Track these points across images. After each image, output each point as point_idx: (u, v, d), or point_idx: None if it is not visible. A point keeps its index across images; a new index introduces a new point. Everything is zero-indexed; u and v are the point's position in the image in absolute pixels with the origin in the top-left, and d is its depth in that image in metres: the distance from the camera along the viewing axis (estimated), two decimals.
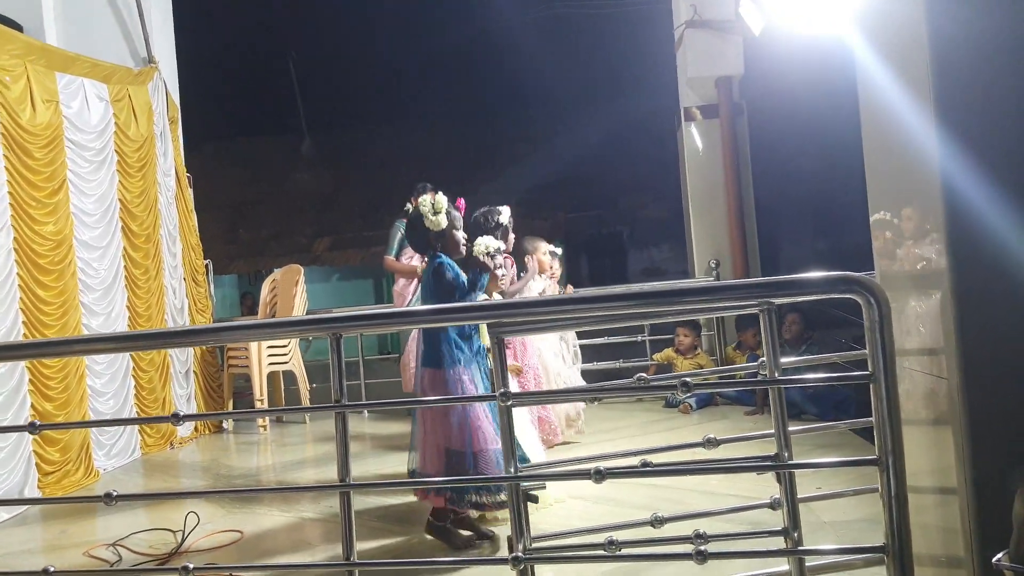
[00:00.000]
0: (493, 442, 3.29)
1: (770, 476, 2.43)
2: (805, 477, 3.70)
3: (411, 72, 15.15)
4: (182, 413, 2.26)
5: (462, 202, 3.72)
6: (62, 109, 5.07)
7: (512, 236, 4.72)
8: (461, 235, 3.58)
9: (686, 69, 7.20)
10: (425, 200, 3.51)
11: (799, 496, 2.25)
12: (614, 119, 13.18)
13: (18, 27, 5.48)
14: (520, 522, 2.11)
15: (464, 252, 3.58)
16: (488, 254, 3.51)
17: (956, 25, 1.76)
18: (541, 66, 13.76)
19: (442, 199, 3.52)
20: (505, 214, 4.44)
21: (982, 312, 1.87)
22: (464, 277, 3.46)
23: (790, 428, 2.22)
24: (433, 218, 3.46)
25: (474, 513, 3.47)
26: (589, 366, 6.48)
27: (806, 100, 8.27)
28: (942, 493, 2.00)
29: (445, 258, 3.47)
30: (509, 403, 2.18)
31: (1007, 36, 1.77)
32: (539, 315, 2.29)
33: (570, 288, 5.71)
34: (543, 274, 5.17)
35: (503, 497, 3.22)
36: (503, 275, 3.97)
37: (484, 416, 3.35)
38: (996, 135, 1.84)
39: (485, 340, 3.38)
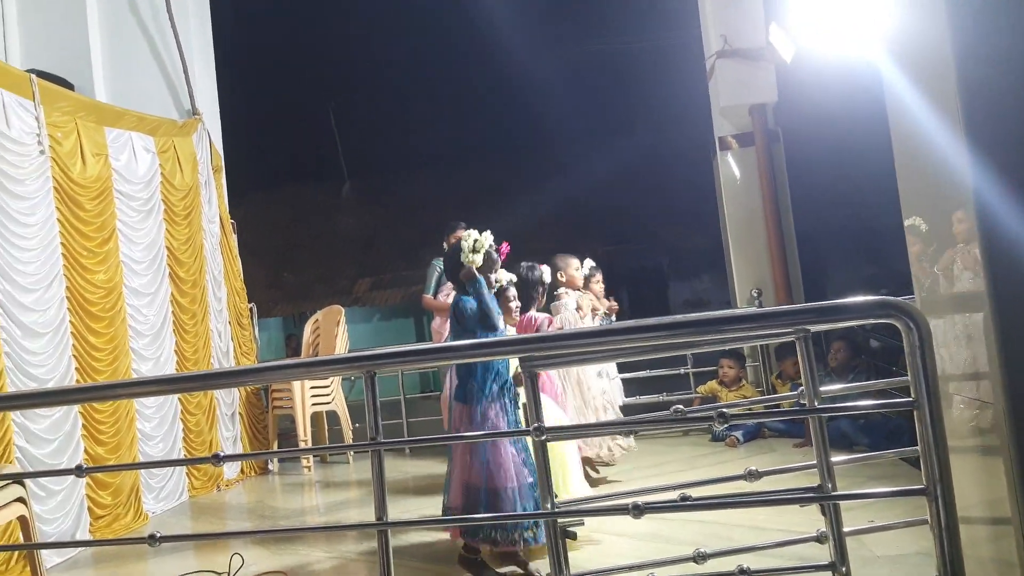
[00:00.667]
0: (513, 480, 3.25)
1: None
2: (858, 510, 3.60)
3: (447, 113, 15.40)
4: (223, 454, 2.29)
5: (506, 247, 3.72)
6: (111, 162, 5.25)
7: (544, 298, 4.74)
8: (494, 278, 3.60)
9: (719, 98, 7.20)
10: (469, 235, 3.52)
11: (848, 529, 2.19)
12: (650, 151, 13.22)
13: (69, 85, 5.73)
14: (559, 559, 2.08)
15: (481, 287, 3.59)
16: (501, 287, 3.53)
17: (980, 42, 1.74)
18: (575, 103, 13.90)
19: (486, 239, 3.53)
20: (546, 273, 4.49)
21: None
22: (486, 307, 3.45)
23: (835, 459, 2.17)
24: (471, 255, 3.48)
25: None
26: (632, 400, 6.41)
27: (844, 123, 8.18)
28: (996, 524, 1.93)
29: (469, 300, 3.47)
30: (543, 437, 2.17)
31: None
32: (572, 348, 2.29)
33: (613, 303, 5.63)
34: (575, 290, 5.16)
35: (526, 535, 3.19)
36: (516, 307, 3.98)
37: (510, 453, 3.32)
38: None
39: (513, 369, 3.38)
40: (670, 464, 5.45)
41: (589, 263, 5.51)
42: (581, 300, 5.10)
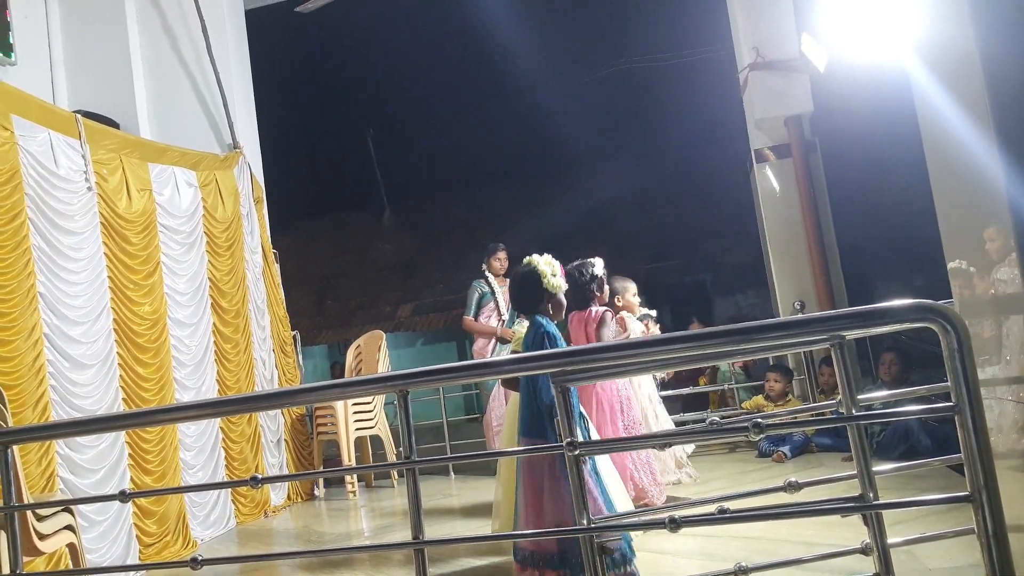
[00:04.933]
0: (602, 511, 3.15)
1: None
2: (912, 522, 3.50)
3: (484, 137, 15.54)
4: (260, 477, 2.33)
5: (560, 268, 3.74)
6: (155, 196, 5.39)
7: (607, 287, 4.69)
8: (564, 300, 3.59)
9: (753, 111, 7.14)
10: (545, 259, 3.51)
11: (893, 540, 2.13)
12: (687, 167, 13.17)
13: (115, 124, 5.93)
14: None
15: (563, 317, 3.58)
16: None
17: (1006, 46, 1.71)
18: (611, 121, 13.93)
19: (554, 261, 3.53)
20: (599, 265, 4.43)
21: None
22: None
23: (876, 468, 2.11)
24: (554, 280, 3.47)
25: None
26: (676, 417, 6.34)
27: (882, 131, 8.05)
28: None
29: (550, 325, 3.40)
30: (576, 452, 2.15)
31: None
32: (604, 362, 2.27)
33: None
34: (633, 314, 5.13)
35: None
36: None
37: (595, 486, 3.18)
38: None
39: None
40: (716, 481, 5.35)
41: (643, 310, 5.48)
42: (646, 331, 5.07)
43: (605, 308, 4.47)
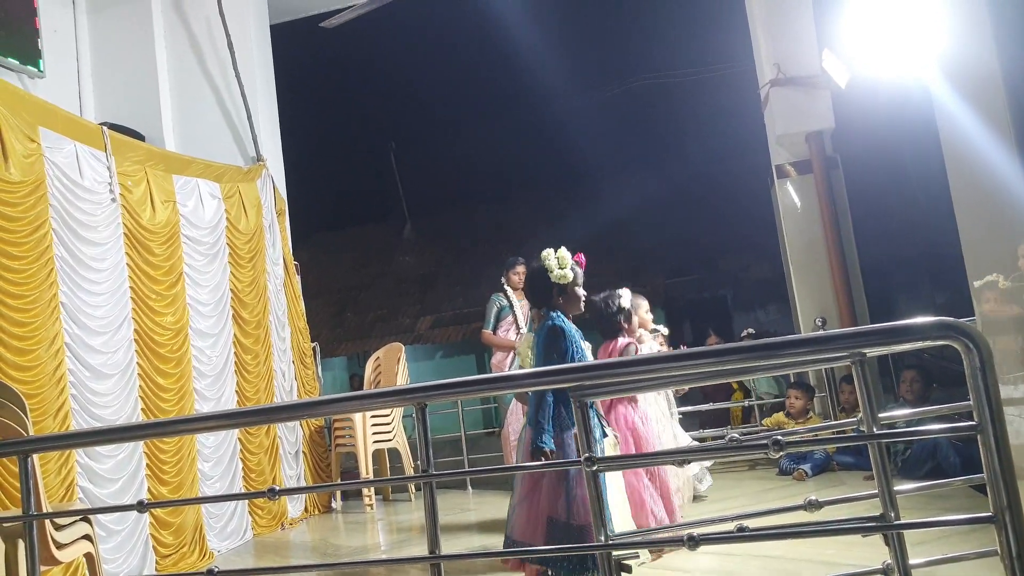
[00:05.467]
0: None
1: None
2: (935, 543, 3.43)
3: (505, 150, 15.60)
4: (277, 489, 2.33)
5: (582, 257, 3.69)
6: (179, 208, 5.45)
7: (636, 318, 4.71)
8: (582, 292, 3.56)
9: (775, 127, 7.11)
10: (549, 253, 3.51)
11: (916, 561, 2.09)
12: (709, 182, 13.13)
13: (140, 136, 6.01)
14: None
15: (583, 309, 3.55)
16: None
17: None
18: (632, 136, 13.92)
19: (566, 253, 3.52)
20: (626, 297, 4.45)
21: None
22: (580, 351, 3.41)
23: (898, 487, 2.08)
24: (559, 271, 3.46)
25: None
26: (695, 433, 6.29)
27: (905, 147, 7.99)
28: None
29: (562, 319, 3.42)
30: (594, 468, 2.14)
31: None
32: (621, 377, 2.26)
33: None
34: (645, 330, 5.15)
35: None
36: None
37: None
38: None
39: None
40: (736, 499, 5.30)
41: (626, 292, 5.54)
42: (661, 350, 5.11)
43: (629, 340, 4.47)
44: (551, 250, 3.53)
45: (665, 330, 5.69)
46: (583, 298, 3.54)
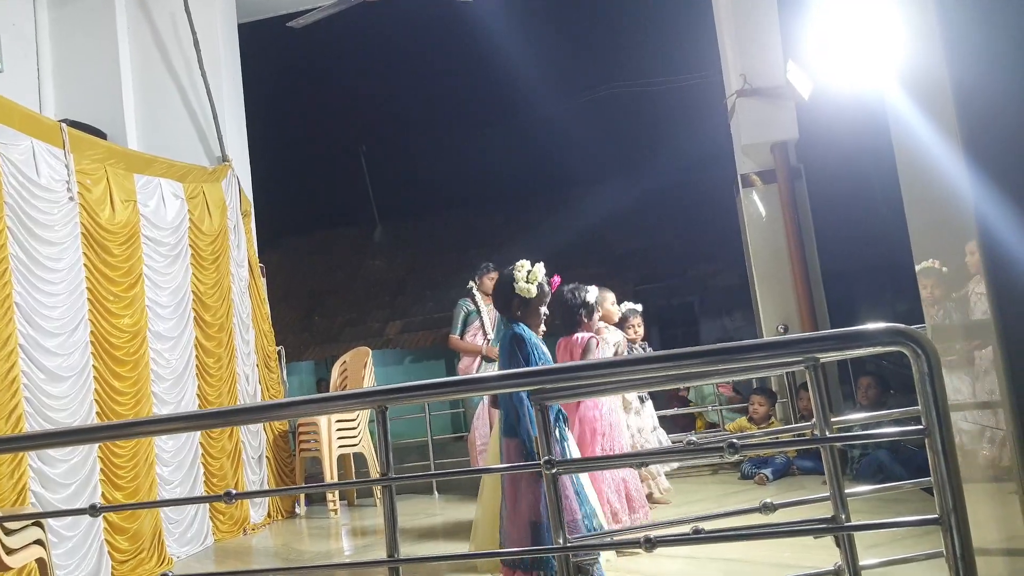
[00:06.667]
0: (574, 512, 3.19)
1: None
2: (889, 544, 3.48)
3: (477, 156, 15.60)
4: (234, 492, 2.30)
5: (557, 280, 3.72)
6: (140, 208, 5.37)
7: (598, 313, 4.74)
8: (544, 311, 3.57)
9: (740, 137, 7.20)
10: (524, 264, 3.51)
11: (866, 562, 2.12)
12: (677, 190, 13.25)
13: (102, 135, 5.92)
14: None
15: (541, 331, 3.56)
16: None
17: (975, 71, 1.74)
18: (601, 144, 14.00)
19: (540, 270, 3.53)
20: (592, 293, 4.47)
21: None
22: (543, 358, 3.41)
23: (849, 490, 2.11)
24: (523, 284, 3.47)
25: None
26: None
27: (866, 158, 8.13)
28: (1012, 555, 1.85)
29: (526, 330, 3.44)
30: (554, 471, 2.14)
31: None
32: (582, 380, 2.27)
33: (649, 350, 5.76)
34: (612, 324, 5.20)
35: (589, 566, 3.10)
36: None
37: (569, 485, 3.25)
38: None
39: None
40: (697, 503, 5.34)
41: (628, 304, 5.67)
42: (620, 346, 5.14)
43: (591, 335, 4.49)
44: (527, 262, 3.54)
45: (639, 306, 5.82)
46: (544, 317, 3.55)
